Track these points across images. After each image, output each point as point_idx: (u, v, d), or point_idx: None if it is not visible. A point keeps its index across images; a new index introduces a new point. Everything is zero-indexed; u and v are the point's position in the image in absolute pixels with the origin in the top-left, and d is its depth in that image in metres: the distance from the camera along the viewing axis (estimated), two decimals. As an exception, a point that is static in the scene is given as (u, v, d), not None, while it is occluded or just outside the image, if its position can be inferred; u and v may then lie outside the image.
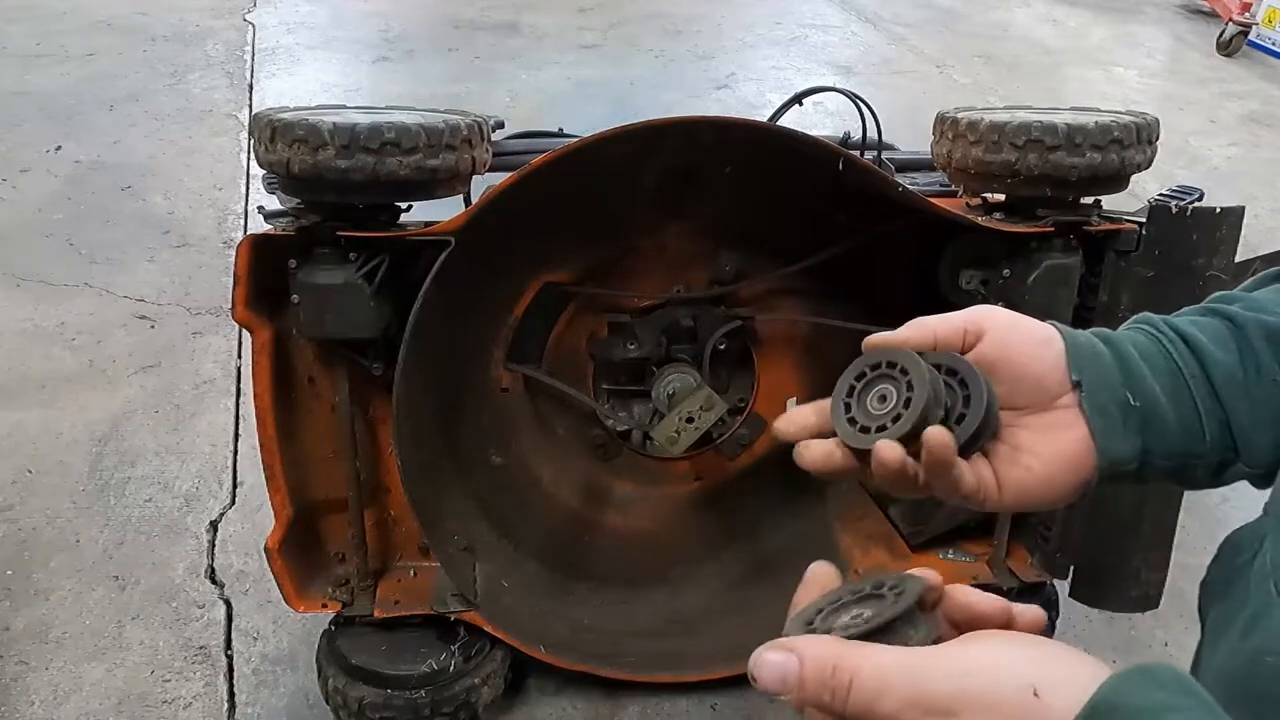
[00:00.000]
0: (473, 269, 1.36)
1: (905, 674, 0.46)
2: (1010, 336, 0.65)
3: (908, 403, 0.60)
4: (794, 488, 1.76)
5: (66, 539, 1.86)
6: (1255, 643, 0.58)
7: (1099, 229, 1.34)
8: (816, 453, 0.64)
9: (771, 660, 0.49)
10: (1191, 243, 1.29)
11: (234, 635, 1.68)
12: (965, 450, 0.61)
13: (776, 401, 1.72)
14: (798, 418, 0.67)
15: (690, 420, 1.49)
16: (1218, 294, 0.71)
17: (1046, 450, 0.64)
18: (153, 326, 2.52)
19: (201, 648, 1.65)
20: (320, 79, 4.08)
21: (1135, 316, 0.71)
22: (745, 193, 1.47)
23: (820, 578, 0.57)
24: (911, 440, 0.59)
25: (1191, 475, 0.67)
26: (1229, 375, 0.65)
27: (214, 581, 1.79)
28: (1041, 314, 1.42)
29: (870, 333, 0.66)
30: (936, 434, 0.59)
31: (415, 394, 1.36)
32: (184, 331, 2.50)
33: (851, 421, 0.62)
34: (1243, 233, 1.31)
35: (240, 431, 2.16)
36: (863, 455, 0.61)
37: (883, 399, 0.62)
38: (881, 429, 0.60)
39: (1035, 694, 0.44)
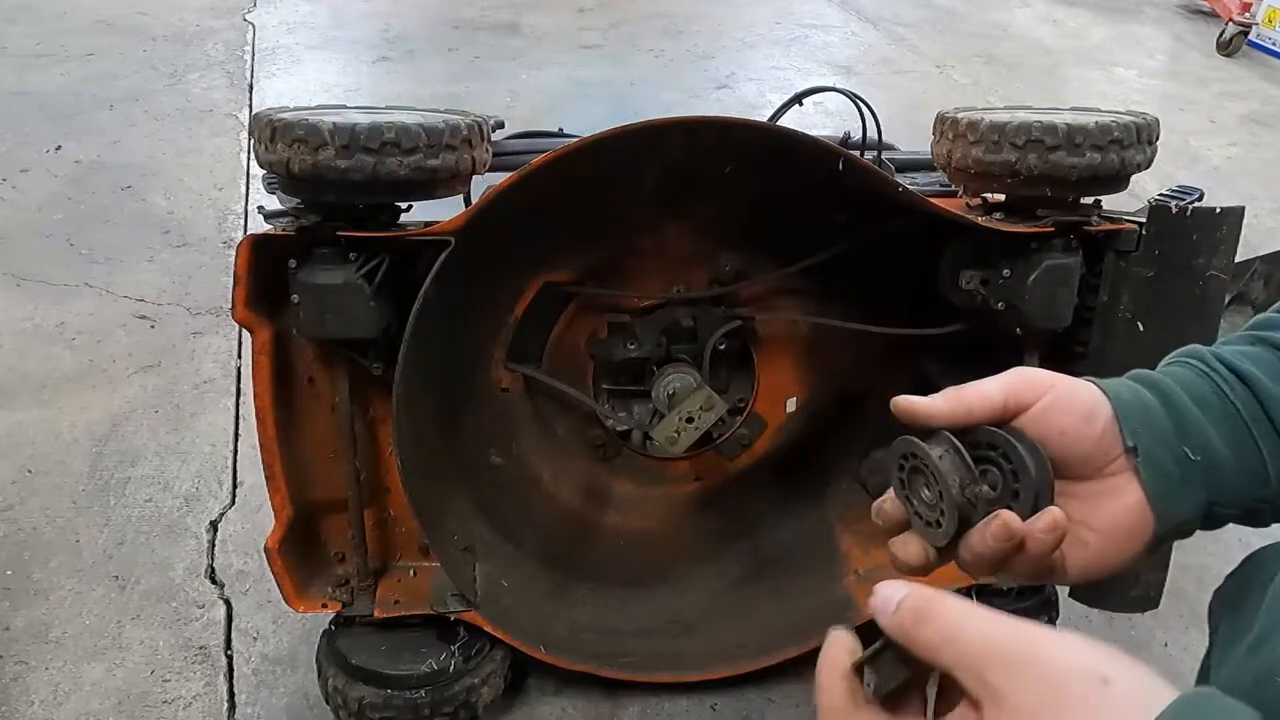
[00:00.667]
0: (473, 269, 1.36)
1: (985, 625, 0.47)
2: (1052, 414, 0.62)
3: (942, 495, 0.59)
4: (794, 488, 1.76)
5: (66, 539, 1.86)
6: (1262, 662, 0.58)
7: (1099, 229, 1.34)
8: (914, 552, 0.63)
9: (886, 591, 0.51)
10: (1191, 243, 1.29)
11: (234, 635, 1.68)
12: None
13: (777, 401, 1.72)
14: (892, 511, 0.65)
15: (690, 420, 1.49)
16: (1260, 318, 0.68)
17: (1101, 523, 0.62)
18: (153, 326, 2.52)
19: (201, 648, 1.65)
20: (320, 79, 4.08)
21: (1181, 351, 0.68)
22: (745, 193, 1.48)
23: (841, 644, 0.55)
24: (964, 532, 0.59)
25: (1259, 518, 0.65)
26: None
27: (214, 581, 1.79)
28: (1042, 314, 1.42)
29: (870, 333, 0.65)
30: (1046, 524, 0.58)
31: (415, 394, 1.36)
32: (184, 331, 2.50)
33: (918, 516, 0.62)
34: (1243, 233, 1.31)
35: (240, 431, 2.16)
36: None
37: (928, 486, 0.61)
38: (936, 524, 0.60)
39: (1105, 681, 0.43)
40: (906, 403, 0.63)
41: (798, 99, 1.76)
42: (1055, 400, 0.62)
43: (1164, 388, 0.64)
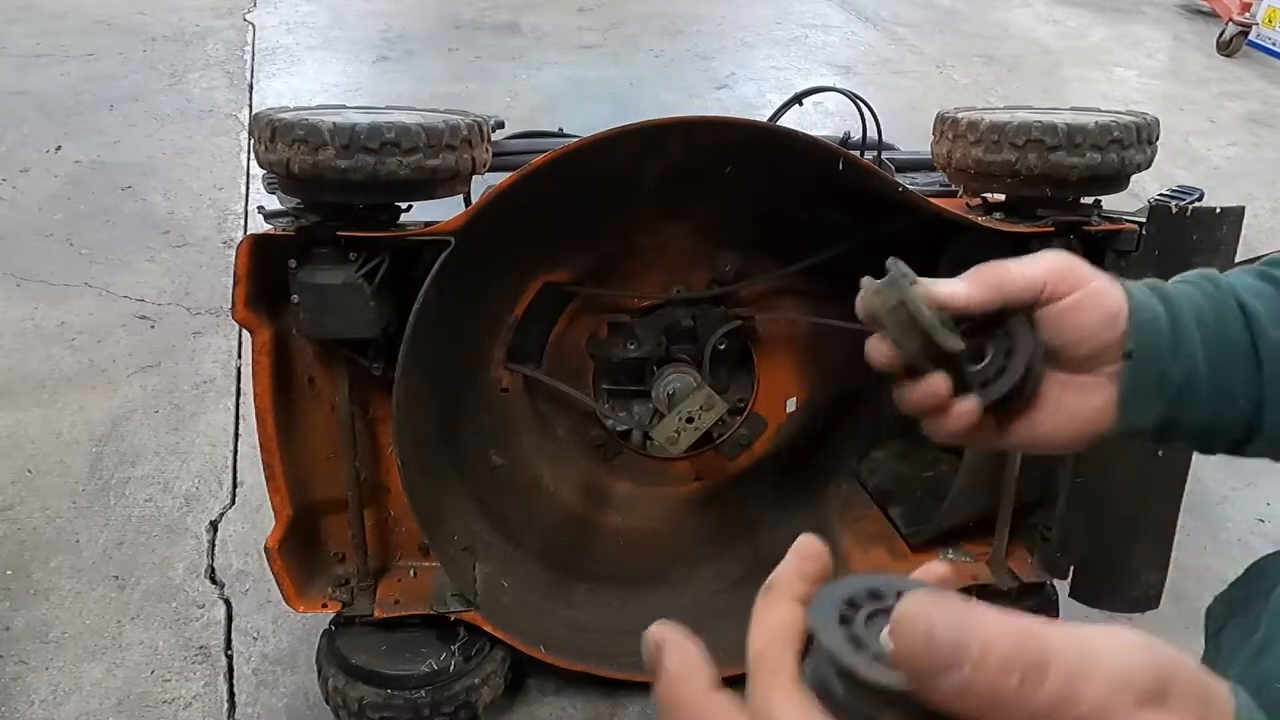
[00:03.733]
0: (473, 269, 1.36)
1: (1110, 652, 0.33)
2: (1082, 310, 0.62)
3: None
4: (794, 488, 1.76)
5: (66, 539, 1.86)
6: (1262, 668, 0.59)
7: (1099, 229, 1.34)
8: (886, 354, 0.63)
9: (945, 621, 0.33)
10: (1191, 243, 1.29)
11: (234, 635, 1.68)
12: (994, 407, 0.62)
13: (776, 401, 1.72)
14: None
15: (690, 420, 1.49)
16: (1273, 255, 0.69)
17: (1069, 407, 0.64)
18: (153, 326, 2.52)
19: (201, 648, 1.65)
20: (320, 79, 4.08)
21: (1195, 271, 0.69)
22: (745, 193, 1.48)
23: (811, 552, 0.47)
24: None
25: (1209, 446, 0.67)
26: (1276, 355, 0.63)
27: (214, 581, 1.79)
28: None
29: (871, 333, 0.64)
30: (964, 405, 0.60)
31: (415, 394, 1.36)
32: (184, 331, 2.50)
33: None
34: (1243, 233, 1.31)
35: (240, 431, 2.16)
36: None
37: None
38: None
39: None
40: (937, 293, 0.60)
41: (798, 99, 1.76)
42: (1088, 297, 0.62)
43: (1174, 304, 0.65)
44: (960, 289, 0.61)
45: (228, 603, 1.74)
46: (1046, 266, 0.62)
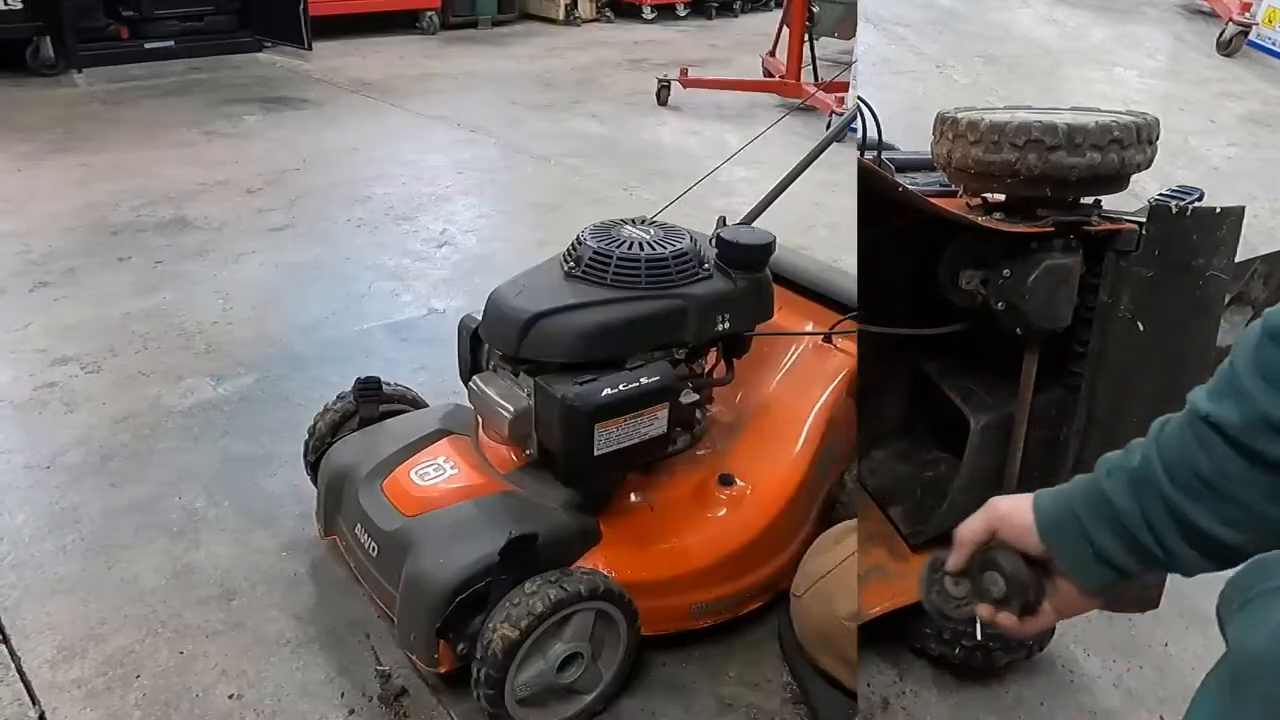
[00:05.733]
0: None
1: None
2: (1006, 534, 0.88)
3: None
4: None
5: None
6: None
7: (1099, 229, 1.34)
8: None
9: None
10: (1191, 243, 1.29)
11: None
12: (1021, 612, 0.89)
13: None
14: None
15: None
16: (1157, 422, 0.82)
17: (1067, 589, 0.87)
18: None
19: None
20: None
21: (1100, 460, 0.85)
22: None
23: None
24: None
25: (1228, 561, 0.81)
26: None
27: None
28: (1042, 314, 1.42)
29: (870, 333, 0.68)
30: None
31: None
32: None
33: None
34: (1243, 233, 1.30)
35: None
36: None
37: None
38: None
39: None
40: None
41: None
42: (1004, 527, 0.89)
43: (1070, 495, 0.84)
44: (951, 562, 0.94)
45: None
46: (985, 511, 0.90)
